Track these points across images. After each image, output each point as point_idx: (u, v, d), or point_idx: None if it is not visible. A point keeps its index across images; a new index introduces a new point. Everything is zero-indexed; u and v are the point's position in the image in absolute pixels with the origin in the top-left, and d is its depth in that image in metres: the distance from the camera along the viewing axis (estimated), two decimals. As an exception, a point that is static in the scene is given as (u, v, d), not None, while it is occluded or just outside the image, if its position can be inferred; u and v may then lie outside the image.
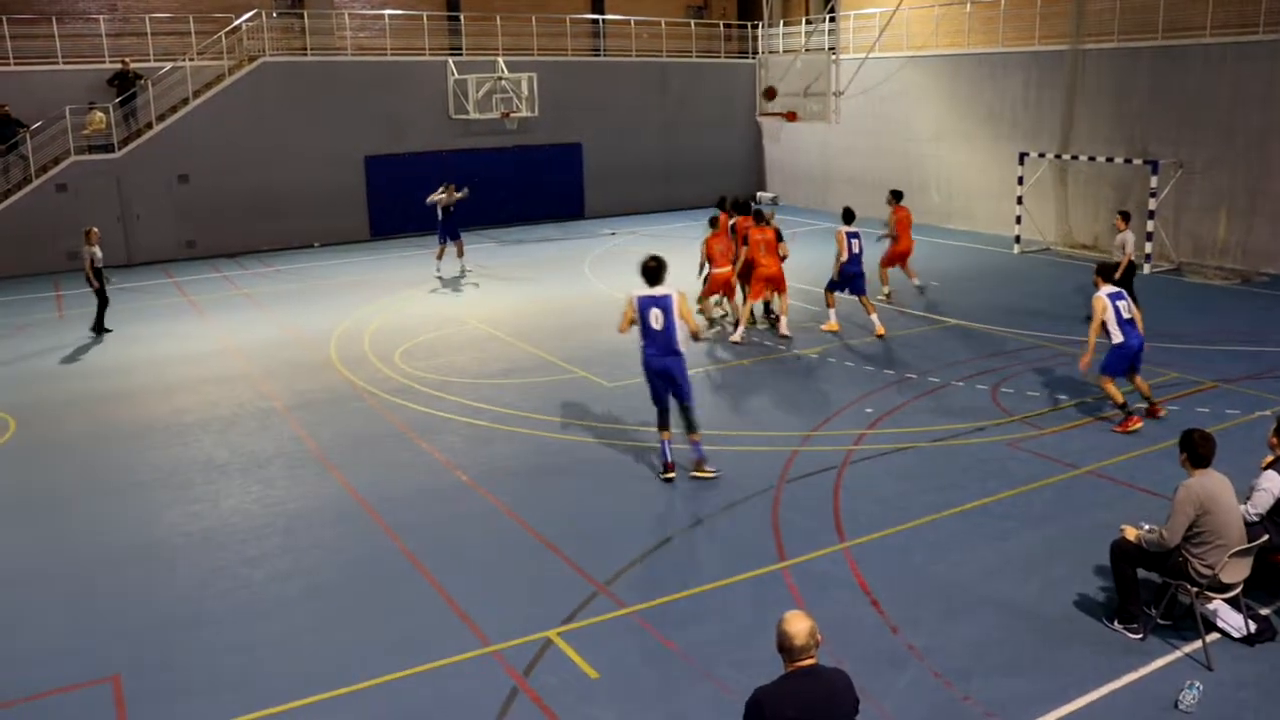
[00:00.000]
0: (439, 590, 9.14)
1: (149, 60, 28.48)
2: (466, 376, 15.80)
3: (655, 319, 11.08)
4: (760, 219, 17.48)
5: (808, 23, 33.84)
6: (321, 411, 14.42)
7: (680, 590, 8.97)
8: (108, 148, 27.24)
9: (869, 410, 13.59)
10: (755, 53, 35.83)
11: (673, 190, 35.35)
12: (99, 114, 26.90)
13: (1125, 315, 12.48)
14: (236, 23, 29.06)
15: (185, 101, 28.17)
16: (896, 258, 20.24)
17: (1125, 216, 17.23)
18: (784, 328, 17.45)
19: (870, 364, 15.68)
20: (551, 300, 21.44)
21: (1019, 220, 25.82)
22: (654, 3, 37.09)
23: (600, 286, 22.43)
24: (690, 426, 11.48)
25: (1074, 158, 25.35)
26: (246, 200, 28.40)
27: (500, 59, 31.33)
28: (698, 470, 11.48)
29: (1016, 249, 25.59)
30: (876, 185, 31.85)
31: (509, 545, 10.08)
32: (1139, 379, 12.77)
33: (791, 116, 24.64)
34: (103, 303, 19.57)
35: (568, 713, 7.25)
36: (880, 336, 17.26)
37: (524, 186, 32.79)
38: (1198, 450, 7.87)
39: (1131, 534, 8.13)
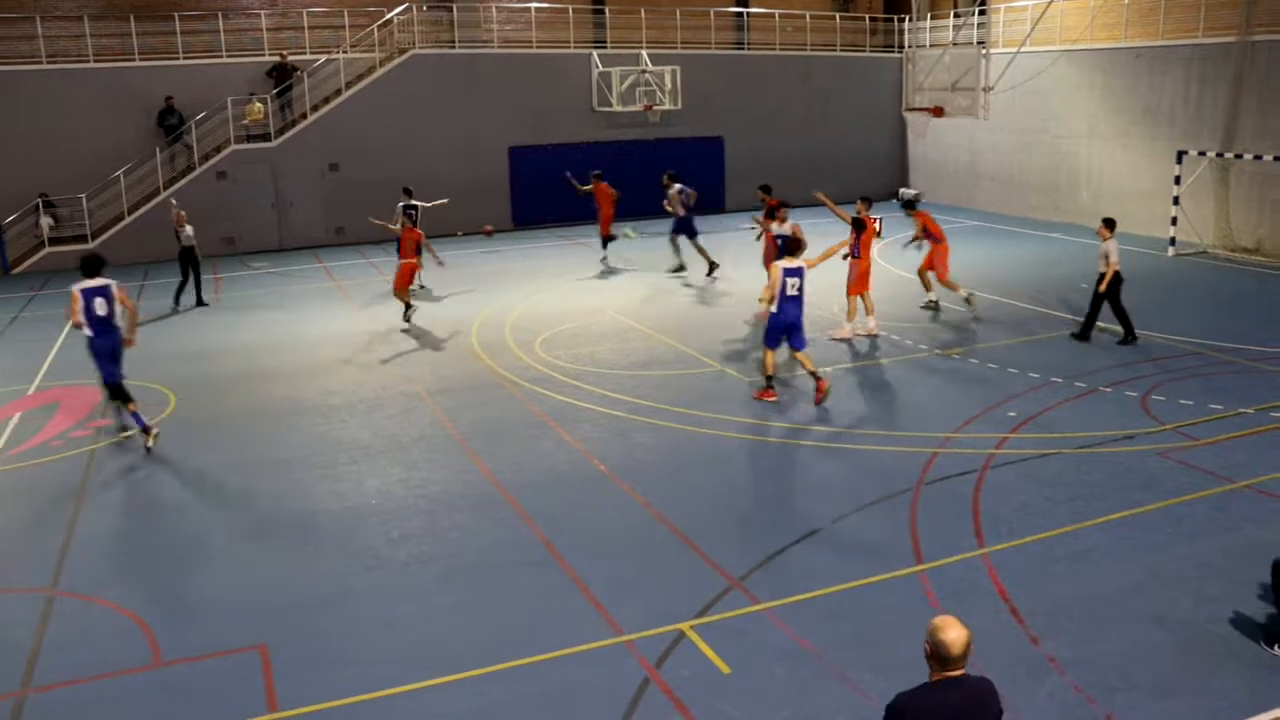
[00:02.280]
0: (574, 578, 9.25)
1: (305, 53, 29.50)
2: (605, 367, 15.94)
3: None
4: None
5: (956, 16, 33.06)
6: (463, 397, 14.73)
7: (816, 589, 8.88)
8: (265, 137, 28.34)
9: (1012, 414, 13.25)
10: (901, 47, 35.16)
11: (815, 184, 34.79)
12: (258, 104, 28.02)
13: None
14: (388, 16, 29.87)
15: (338, 93, 29.11)
16: (936, 262, 18.70)
17: (1110, 224, 16.53)
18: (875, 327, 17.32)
19: (1013, 366, 15.27)
20: (691, 294, 21.47)
21: (1174, 221, 24.79)
22: (800, -4, 36.78)
23: (741, 280, 22.34)
24: None
25: (1238, 156, 24.22)
26: (394, 189, 29.11)
27: (644, 52, 31.47)
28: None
29: (1171, 251, 24.58)
30: (1024, 183, 31.10)
31: (645, 536, 10.14)
32: None
33: (938, 112, 24.17)
34: (185, 280, 21.43)
35: (699, 707, 7.26)
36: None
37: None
38: None
39: None
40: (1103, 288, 16.18)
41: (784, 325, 13.78)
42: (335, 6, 30.48)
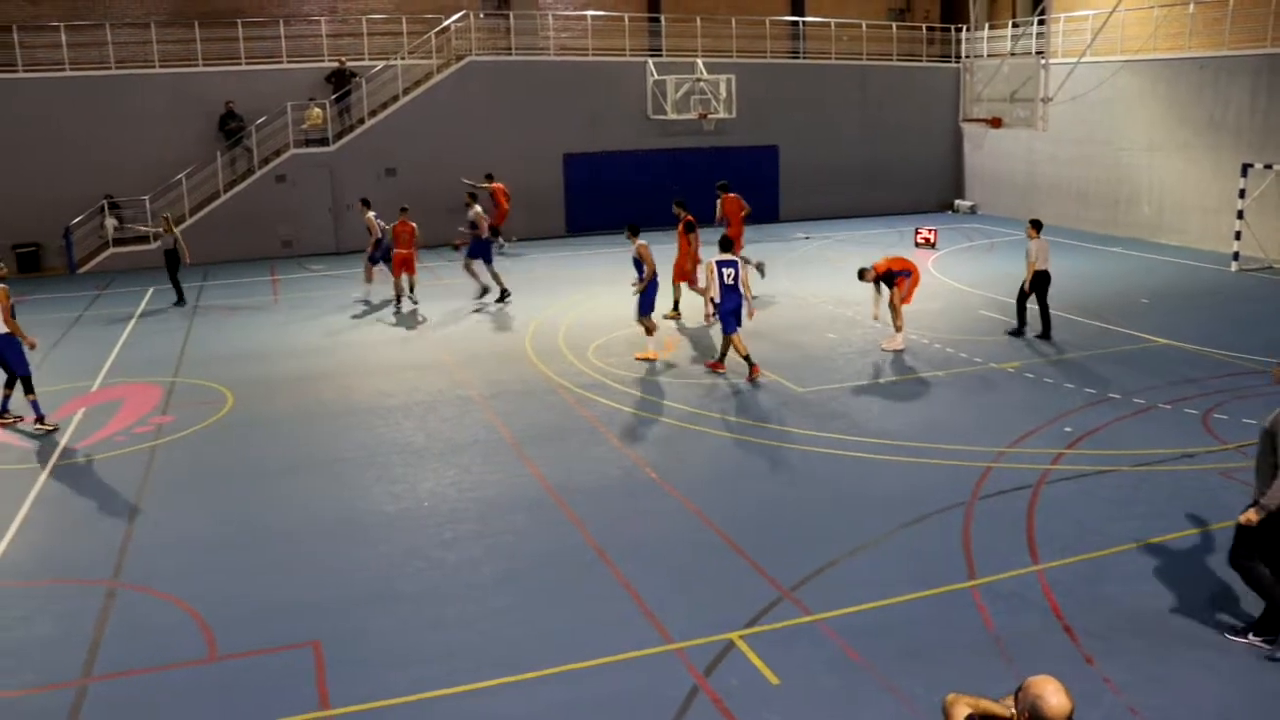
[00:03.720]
0: (625, 584, 9.26)
1: (363, 59, 29.87)
2: (658, 374, 15.96)
3: None
4: None
5: (1015, 26, 32.78)
6: (516, 402, 14.81)
7: (866, 601, 8.82)
8: (323, 141, 28.71)
9: (1068, 429, 13.08)
10: (959, 56, 34.90)
11: (869, 195, 34.83)
12: (317, 109, 28.39)
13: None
14: (446, 23, 30.14)
15: (395, 98, 29.43)
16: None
17: (1036, 225, 17.54)
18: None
19: (1070, 381, 15.09)
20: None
21: (1238, 236, 24.34)
22: (855, 5, 36.60)
23: (795, 290, 22.28)
24: None
25: (1305, 170, 23.77)
26: (449, 194, 29.39)
27: (699, 60, 31.50)
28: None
29: (1234, 266, 24.13)
30: (1083, 196, 30.73)
31: (695, 544, 10.13)
32: None
33: (996, 123, 24.00)
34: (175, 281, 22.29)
35: (747, 716, 7.24)
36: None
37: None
38: None
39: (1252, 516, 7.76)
40: (1026, 286, 17.42)
41: (733, 310, 15.20)
42: (394, 13, 30.84)
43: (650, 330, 16.78)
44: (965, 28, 34.17)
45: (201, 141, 27.96)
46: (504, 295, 21.61)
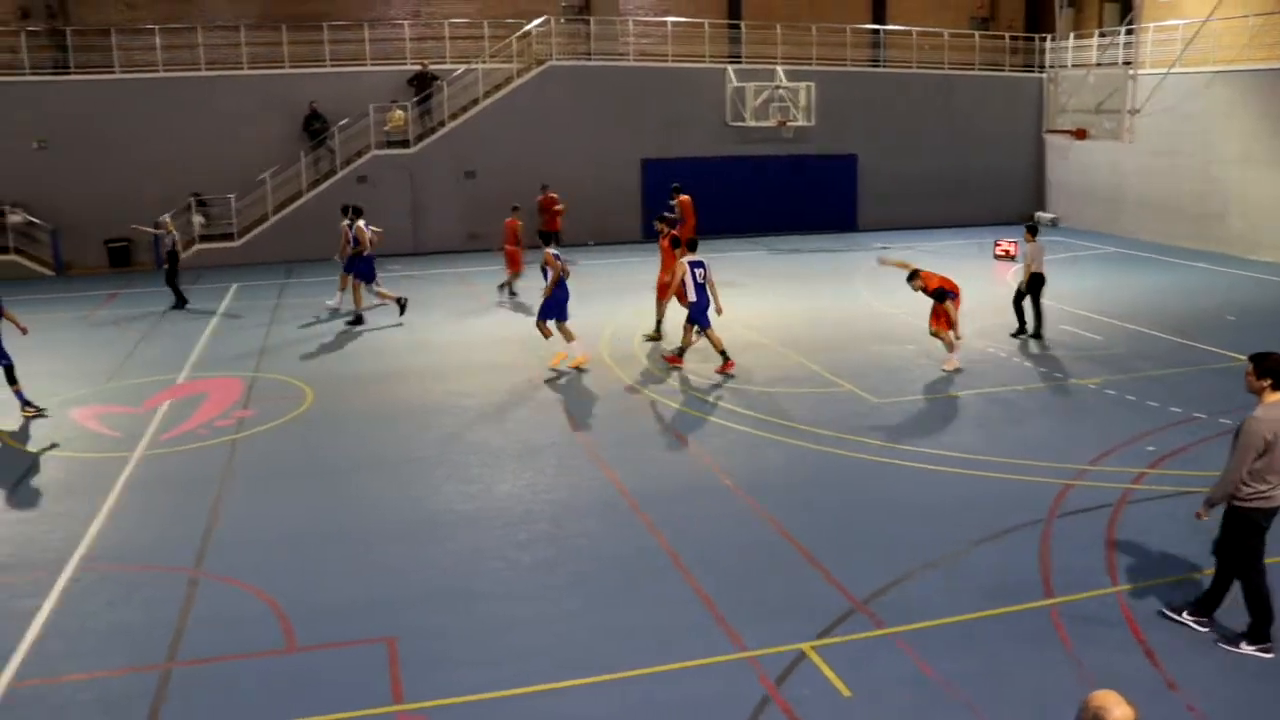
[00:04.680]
0: (698, 590, 9.25)
1: (445, 63, 30.25)
2: (734, 382, 15.92)
3: None
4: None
5: (1102, 35, 32.19)
6: (591, 406, 14.88)
7: (941, 616, 8.71)
8: (404, 143, 29.14)
9: (1150, 448, 12.80)
10: (1043, 66, 34.37)
11: (949, 206, 34.42)
12: (399, 112, 28.82)
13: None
14: (527, 28, 30.41)
15: (475, 101, 29.77)
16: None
17: (1032, 229, 18.56)
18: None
19: (1154, 399, 14.77)
20: (820, 312, 21.31)
21: (1333, 254, 23.65)
22: (937, 13, 36.22)
23: (873, 301, 22.10)
24: None
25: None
26: (526, 197, 29.63)
27: (779, 67, 31.40)
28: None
29: (1328, 284, 23.48)
30: (1171, 209, 30.02)
31: (769, 552, 10.08)
32: None
33: (1081, 134, 23.61)
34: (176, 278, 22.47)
35: (820, 728, 7.20)
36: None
37: (796, 196, 32.75)
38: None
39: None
40: (1022, 288, 18.26)
41: (704, 308, 16.15)
42: (476, 18, 31.20)
43: (547, 335, 16.87)
44: (1050, 37, 33.69)
45: (286, 142, 28.54)
46: (402, 308, 20.81)
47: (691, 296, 16.15)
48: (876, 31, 34.94)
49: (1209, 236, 28.77)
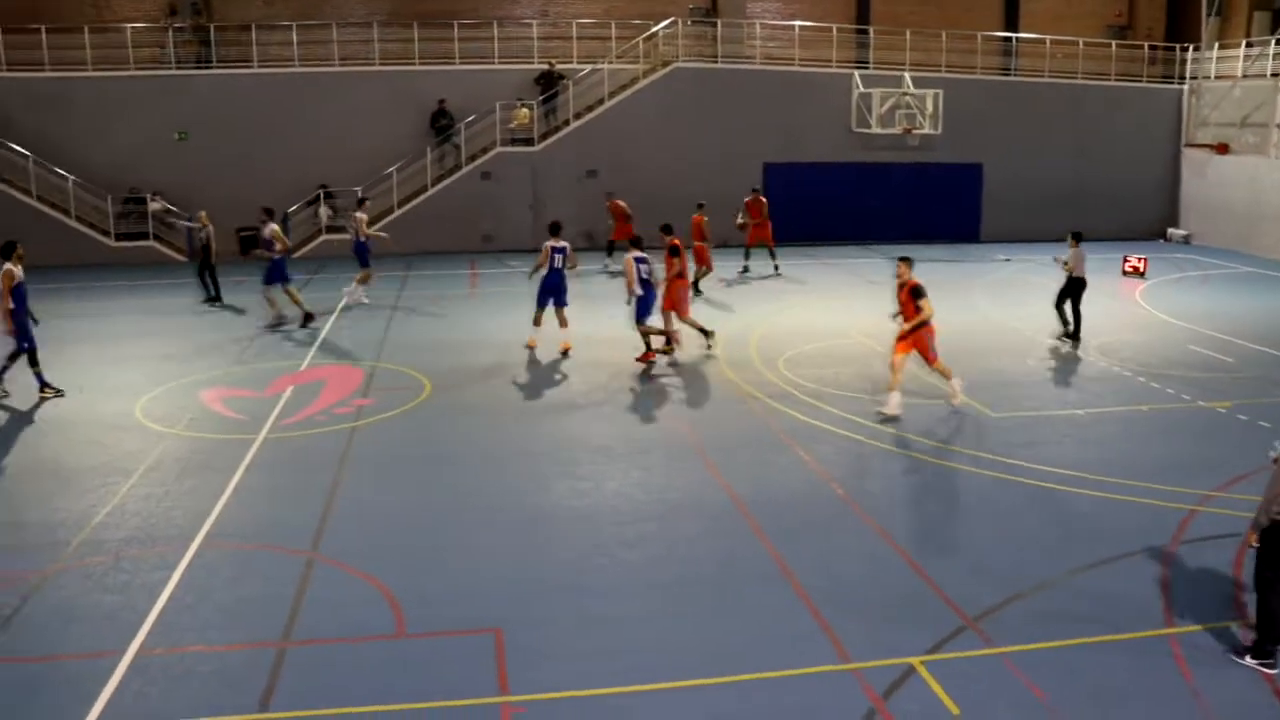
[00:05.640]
0: (805, 598, 9.14)
1: (572, 62, 30.54)
2: (848, 390, 15.73)
3: None
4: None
5: (1249, 46, 30.95)
6: (705, 408, 14.87)
7: (1054, 639, 8.45)
8: (528, 141, 29.50)
9: (1286, 476, 12.23)
10: (1183, 77, 33.18)
11: (1077, 219, 33.02)
12: (524, 110, 29.19)
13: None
14: (653, 29, 30.50)
15: (600, 101, 29.98)
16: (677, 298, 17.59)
17: (1077, 236, 18.61)
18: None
19: (1291, 425, 14.14)
20: (939, 321, 20.82)
21: None
22: (1072, 21, 35.28)
23: (993, 313, 21.61)
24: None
25: None
26: (647, 197, 29.69)
27: (907, 74, 30.93)
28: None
29: None
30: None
31: (878, 563, 9.92)
32: None
33: (1222, 149, 22.72)
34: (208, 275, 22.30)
35: (927, 745, 7.05)
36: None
37: (920, 204, 32.22)
38: None
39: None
40: (1064, 290, 18.68)
41: (650, 303, 16.97)
42: (603, 18, 31.43)
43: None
44: (1193, 47, 32.48)
45: (413, 137, 29.14)
46: (307, 319, 20.04)
47: (638, 290, 16.84)
48: (1009, 39, 34.17)
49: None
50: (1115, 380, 16.41)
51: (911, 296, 14.74)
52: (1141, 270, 26.33)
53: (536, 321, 18.10)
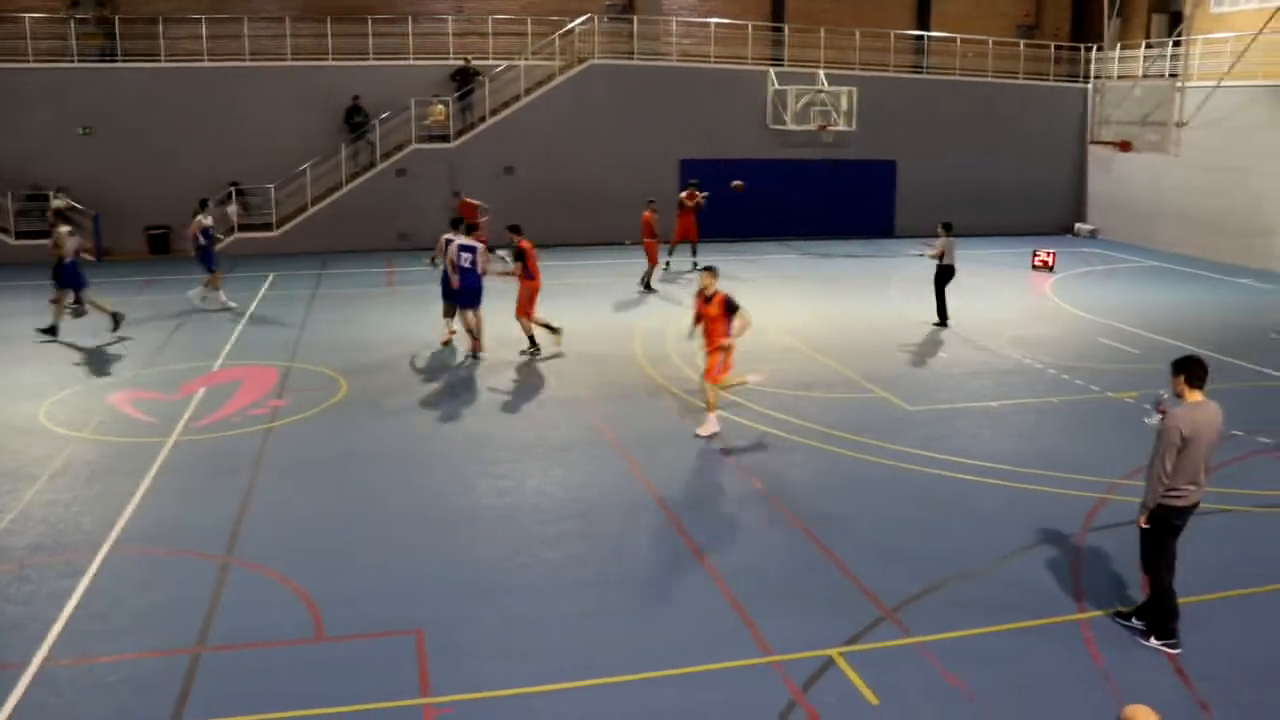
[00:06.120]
0: (726, 593, 9.21)
1: (488, 58, 30.34)
2: (767, 386, 15.83)
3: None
4: None
5: (1149, 47, 31.84)
6: (623, 405, 14.87)
7: (970, 628, 8.64)
8: (445, 137, 29.23)
9: (1189, 464, 12.60)
10: (1088, 77, 34.01)
11: (988, 215, 34.05)
12: (440, 106, 28.93)
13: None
14: (570, 26, 30.44)
15: (517, 98, 29.83)
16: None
17: (947, 226, 19.88)
18: None
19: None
20: (855, 317, 21.19)
21: (1379, 273, 23.24)
22: (982, 20, 35.93)
23: (907, 308, 21.95)
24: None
25: None
26: (564, 194, 29.68)
27: (821, 72, 31.27)
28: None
29: (1374, 305, 23.08)
30: (1213, 224, 29.58)
31: (797, 557, 10.04)
32: None
33: (1125, 146, 23.38)
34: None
35: (846, 735, 7.15)
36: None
37: (835, 201, 32.59)
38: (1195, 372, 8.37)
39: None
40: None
41: (476, 289, 17.21)
42: (519, 14, 31.26)
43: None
44: (1096, 47, 33.31)
45: (327, 134, 28.70)
46: (116, 323, 18.84)
47: (454, 276, 17.07)
48: (920, 38, 34.72)
49: (1253, 253, 28.30)
50: (1027, 373, 16.78)
51: (725, 311, 12.99)
52: (1050, 265, 26.95)
53: (447, 313, 17.99)
